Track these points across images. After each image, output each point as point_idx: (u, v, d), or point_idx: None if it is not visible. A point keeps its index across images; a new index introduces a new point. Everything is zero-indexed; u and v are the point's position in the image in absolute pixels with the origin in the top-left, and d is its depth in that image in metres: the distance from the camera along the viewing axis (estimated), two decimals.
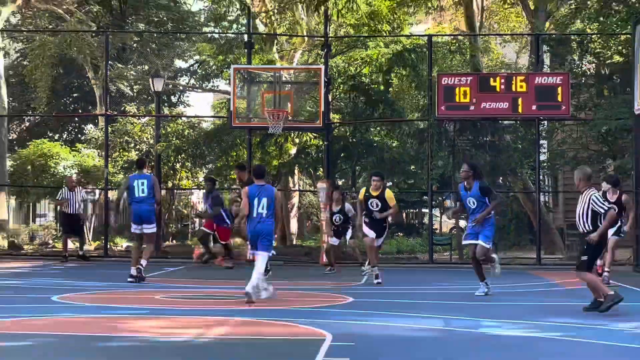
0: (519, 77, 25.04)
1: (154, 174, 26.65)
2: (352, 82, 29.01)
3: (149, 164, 30.01)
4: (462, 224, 29.81)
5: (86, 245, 25.59)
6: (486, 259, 14.92)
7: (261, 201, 13.20)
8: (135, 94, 38.66)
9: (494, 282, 15.20)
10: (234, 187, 31.94)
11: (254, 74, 26.78)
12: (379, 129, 30.17)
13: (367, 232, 17.34)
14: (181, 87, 44.24)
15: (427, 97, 26.94)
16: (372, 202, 17.14)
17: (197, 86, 44.61)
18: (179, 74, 44.46)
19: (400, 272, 22.22)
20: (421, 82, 28.52)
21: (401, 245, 29.04)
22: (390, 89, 29.98)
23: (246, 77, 26.19)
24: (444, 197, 35.91)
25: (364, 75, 29.70)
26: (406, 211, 39.68)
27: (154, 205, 17.15)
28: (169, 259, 25.51)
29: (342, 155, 29.18)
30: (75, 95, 42.18)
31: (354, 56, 31.34)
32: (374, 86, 29.23)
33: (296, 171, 32.58)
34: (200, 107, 56.80)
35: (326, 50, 26.62)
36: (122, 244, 29.65)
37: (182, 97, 45.27)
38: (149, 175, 17.78)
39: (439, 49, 30.99)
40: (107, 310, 12.49)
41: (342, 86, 29.23)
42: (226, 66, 32.45)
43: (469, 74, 26.66)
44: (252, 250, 13.79)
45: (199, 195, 50.40)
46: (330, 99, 26.67)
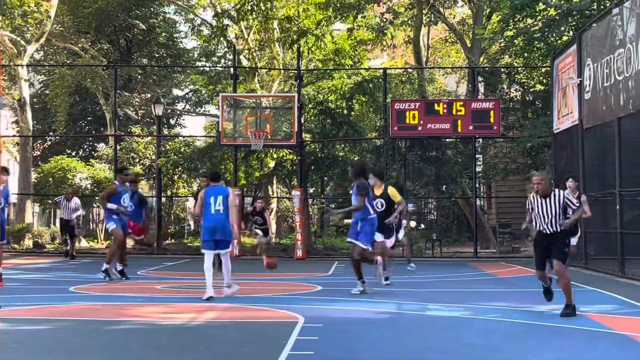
0: (458, 103, 25.20)
1: (156, 185, 26.54)
2: (321, 107, 29.03)
3: (152, 176, 29.93)
4: (413, 224, 29.91)
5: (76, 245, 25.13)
6: (364, 259, 12.88)
7: (217, 199, 12.29)
8: (139, 117, 38.48)
9: (439, 272, 15.22)
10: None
11: (239, 101, 26.75)
12: (343, 145, 30.21)
13: (377, 237, 13.98)
14: (178, 112, 44.08)
15: (382, 120, 27.02)
16: (377, 203, 14.02)
17: (191, 110, 44.50)
18: (176, 101, 44.29)
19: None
20: (378, 107, 28.58)
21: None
22: (352, 113, 30.03)
23: (232, 103, 26.15)
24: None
25: (330, 101, 29.73)
26: None
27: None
28: (168, 255, 25.37)
29: (312, 167, 29.17)
30: (89, 118, 41.88)
31: (322, 85, 31.45)
32: (339, 110, 29.26)
33: (274, 181, 32.55)
34: (194, 128, 56.58)
35: (299, 80, 26.69)
36: (130, 243, 29.45)
37: (178, 120, 45.11)
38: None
39: (392, 79, 31.14)
40: (116, 298, 12.39)
41: (312, 110, 29.24)
42: (215, 94, 32.45)
43: (417, 100, 26.75)
44: (207, 248, 12.35)
45: (194, 201, 50.33)
46: (302, 121, 26.70)
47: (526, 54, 25.56)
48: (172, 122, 43.56)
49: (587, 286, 14.39)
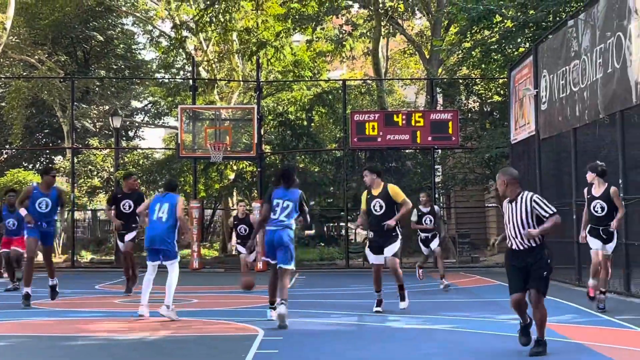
0: (417, 114, 25.34)
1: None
2: (281, 119, 29.08)
3: (110, 189, 29.62)
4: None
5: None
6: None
7: (162, 207, 11.25)
8: (97, 129, 38.11)
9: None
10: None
11: (198, 112, 26.64)
12: (303, 157, 30.23)
13: (372, 258, 12.20)
14: (136, 124, 43.73)
15: (342, 131, 27.08)
16: (374, 205, 11.84)
17: (150, 122, 44.16)
18: (135, 113, 43.94)
19: (321, 276, 22.20)
20: (337, 118, 28.67)
21: (322, 253, 29.03)
22: (312, 124, 30.10)
23: (191, 115, 26.04)
24: (358, 213, 36.05)
25: (290, 112, 29.76)
26: (327, 225, 39.73)
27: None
28: None
29: (272, 179, 29.11)
30: (46, 131, 41.34)
31: (281, 97, 31.45)
32: (299, 122, 29.32)
33: (234, 193, 32.44)
34: (152, 140, 56.28)
35: (258, 92, 26.69)
36: (87, 257, 29.19)
37: (137, 132, 44.74)
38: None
39: (352, 91, 31.23)
40: (72, 313, 12.24)
41: (272, 122, 29.27)
42: (174, 106, 32.23)
43: (376, 112, 26.86)
44: (148, 259, 11.53)
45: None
46: (262, 133, 26.68)
47: (483, 66, 25.79)
48: (130, 134, 43.18)
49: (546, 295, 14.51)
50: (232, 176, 30.54)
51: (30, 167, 39.94)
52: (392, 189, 12.06)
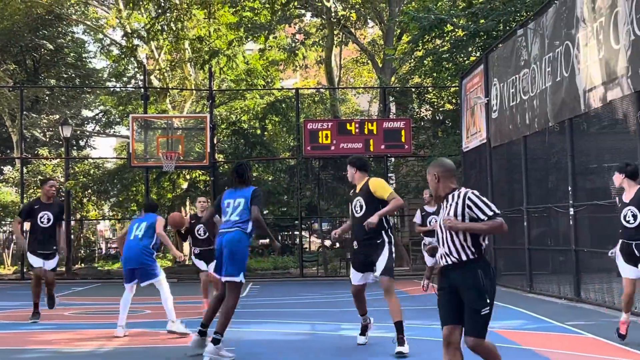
0: (370, 122, 25.45)
1: (65, 208, 25.93)
2: (234, 128, 29.01)
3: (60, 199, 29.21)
4: (327, 243, 30.03)
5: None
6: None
7: (140, 226, 10.82)
8: (47, 139, 37.67)
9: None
10: (134, 217, 31.36)
11: (150, 121, 26.45)
12: (256, 166, 30.18)
13: (354, 277, 9.59)
14: (87, 133, 43.32)
15: (295, 139, 27.09)
16: (355, 205, 9.31)
17: (102, 132, 43.78)
18: (86, 122, 43.53)
19: (275, 285, 22.17)
20: (291, 127, 28.67)
21: (277, 262, 28.98)
22: (265, 133, 30.05)
23: (143, 124, 25.85)
24: (312, 222, 36.11)
25: (243, 121, 29.72)
26: (281, 234, 39.69)
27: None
28: (78, 280, 24.84)
29: (226, 188, 29.00)
30: None
31: (234, 106, 31.41)
32: (252, 131, 29.27)
33: (187, 202, 32.26)
34: (104, 149, 55.85)
35: (211, 101, 26.56)
36: None
37: (88, 141, 44.32)
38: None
39: (305, 99, 31.28)
40: (22, 326, 12.05)
41: (225, 131, 29.17)
42: (126, 115, 32.02)
43: (329, 120, 26.92)
44: (124, 280, 10.99)
45: (105, 224, 49.48)
46: (215, 142, 26.56)
47: (435, 74, 26.02)
48: (81, 143, 42.77)
49: (496, 302, 14.63)
50: (185, 185, 30.37)
51: None
52: (373, 183, 9.24)
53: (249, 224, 8.85)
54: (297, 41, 32.93)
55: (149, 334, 10.95)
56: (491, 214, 5.79)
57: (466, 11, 24.31)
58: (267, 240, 37.32)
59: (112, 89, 36.78)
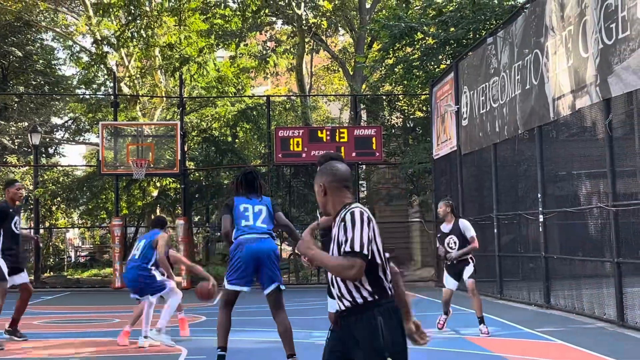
0: (341, 130, 25.47)
1: (33, 216, 25.70)
2: (204, 135, 28.92)
3: (29, 207, 28.95)
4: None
5: None
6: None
7: (139, 244, 10.56)
8: (16, 146, 37.31)
9: (326, 298, 15.15)
10: (104, 225, 31.16)
11: (120, 129, 26.28)
12: (227, 173, 30.09)
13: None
14: (56, 140, 42.96)
15: (266, 147, 27.05)
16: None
17: (71, 139, 43.43)
18: (55, 129, 43.17)
19: (249, 292, 22.02)
20: (262, 135, 28.63)
21: None
22: (236, 140, 30.00)
23: (113, 131, 25.69)
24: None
25: (214, 129, 29.63)
26: None
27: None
28: (47, 289, 24.59)
29: (196, 196, 28.93)
30: None
31: (205, 113, 31.29)
32: (223, 138, 29.20)
33: (158, 210, 32.08)
34: (73, 157, 55.40)
35: (181, 108, 26.46)
36: None
37: (57, 149, 43.96)
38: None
39: (276, 106, 31.28)
40: None
41: (195, 138, 29.07)
42: (95, 122, 31.81)
43: (300, 128, 26.91)
44: (140, 297, 10.53)
45: (74, 232, 49.08)
46: (185, 149, 26.46)
47: (406, 82, 26.12)
48: (50, 151, 42.41)
49: (467, 309, 14.70)
50: (155, 193, 30.20)
51: None
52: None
53: (275, 236, 8.60)
54: (268, 48, 32.96)
55: (114, 343, 10.84)
56: (348, 250, 4.02)
57: (436, 19, 24.46)
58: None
59: (81, 96, 36.53)
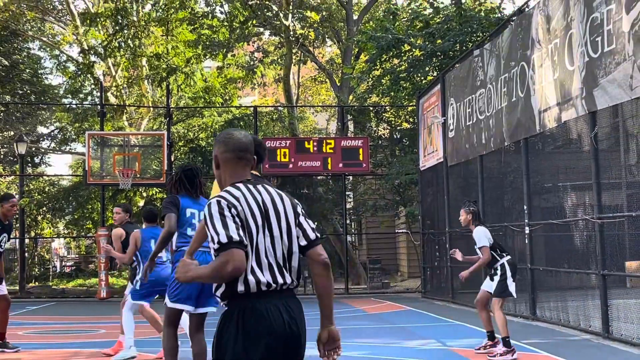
0: (328, 141, 25.49)
1: (18, 226, 25.58)
2: (191, 145, 28.85)
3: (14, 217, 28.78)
4: None
5: None
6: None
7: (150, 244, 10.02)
8: (1, 156, 37.15)
9: (309, 309, 15.15)
10: (90, 235, 31.02)
11: (106, 139, 26.21)
12: (215, 183, 30.01)
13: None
14: (43, 150, 42.79)
15: None
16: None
17: (57, 149, 43.25)
18: (41, 139, 43.00)
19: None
20: None
21: None
22: None
23: (99, 141, 25.60)
24: None
25: (201, 139, 29.56)
26: None
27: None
28: (32, 299, 24.44)
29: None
30: None
31: (192, 123, 31.23)
32: (210, 148, 29.12)
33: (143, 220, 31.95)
34: (59, 167, 55.20)
35: (168, 118, 26.41)
36: None
37: (43, 158, 43.77)
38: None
39: (263, 117, 31.24)
40: None
41: (182, 148, 29.00)
42: (82, 132, 31.68)
43: (287, 138, 26.89)
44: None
45: (60, 242, 48.85)
46: (172, 159, 26.39)
47: (393, 93, 26.17)
48: (36, 160, 42.23)
49: (453, 320, 14.71)
50: (141, 203, 30.07)
51: None
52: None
53: None
54: (255, 59, 32.94)
55: (97, 354, 10.77)
56: (216, 247, 3.56)
57: (423, 31, 24.54)
58: None
59: (68, 106, 36.40)
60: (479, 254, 10.32)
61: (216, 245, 3.53)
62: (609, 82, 10.87)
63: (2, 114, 36.09)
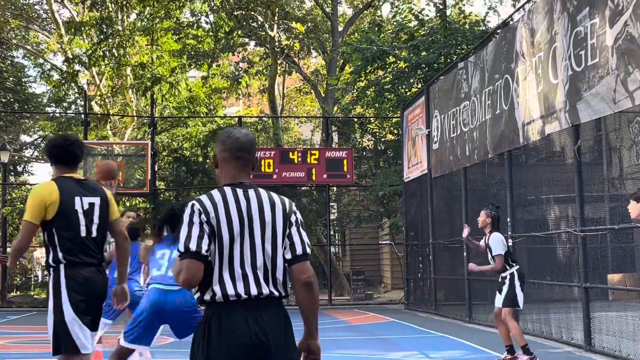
0: (313, 152, 25.48)
1: (0, 235, 25.40)
2: (175, 155, 28.78)
3: None
4: None
5: None
6: None
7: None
8: None
9: (292, 320, 15.12)
10: None
11: (90, 148, 26.08)
12: (198, 193, 29.95)
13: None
14: (26, 158, 42.58)
15: None
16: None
17: (40, 157, 43.03)
18: (24, 147, 42.81)
19: None
20: None
21: None
22: (207, 161, 29.88)
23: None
24: None
25: (185, 149, 29.51)
26: None
27: None
28: (13, 308, 24.25)
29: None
30: None
31: (176, 133, 31.16)
32: (194, 158, 29.08)
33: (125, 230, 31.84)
34: (42, 175, 54.85)
35: (152, 127, 26.34)
36: None
37: (26, 167, 43.56)
38: None
39: (248, 127, 31.21)
40: None
41: (166, 158, 28.94)
42: None
43: (272, 149, 26.89)
44: None
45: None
46: (156, 169, 26.32)
47: (377, 105, 26.23)
48: (19, 169, 42.02)
49: (436, 332, 14.71)
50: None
51: None
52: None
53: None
54: (240, 69, 32.96)
55: None
56: (182, 250, 3.55)
57: (408, 43, 24.63)
58: None
59: (51, 115, 36.27)
60: (491, 262, 10.18)
61: (177, 251, 3.56)
62: (592, 95, 10.93)
63: None
